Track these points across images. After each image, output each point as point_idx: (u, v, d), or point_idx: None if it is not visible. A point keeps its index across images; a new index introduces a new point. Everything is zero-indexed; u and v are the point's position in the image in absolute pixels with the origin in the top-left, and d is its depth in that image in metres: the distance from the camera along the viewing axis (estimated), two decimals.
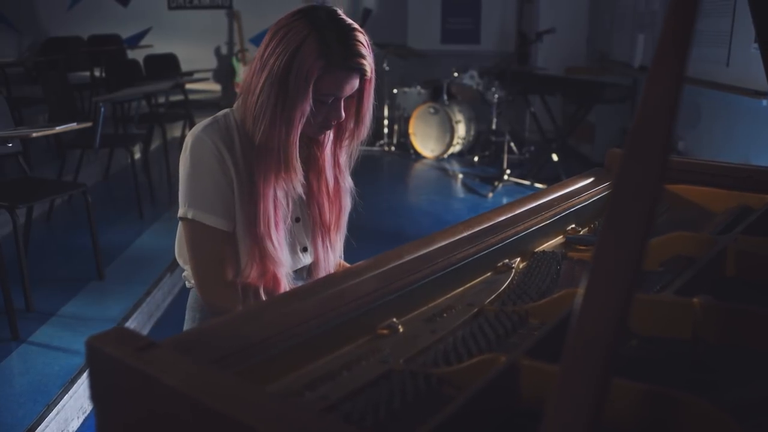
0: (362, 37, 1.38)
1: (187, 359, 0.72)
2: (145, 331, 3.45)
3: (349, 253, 1.68)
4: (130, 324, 3.38)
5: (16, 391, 2.75)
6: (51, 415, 2.54)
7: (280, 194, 1.44)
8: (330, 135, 1.52)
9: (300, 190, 1.46)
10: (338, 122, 1.47)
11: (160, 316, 3.67)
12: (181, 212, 1.44)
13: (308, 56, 1.33)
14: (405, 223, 5.17)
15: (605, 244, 0.58)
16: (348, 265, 1.73)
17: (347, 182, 1.59)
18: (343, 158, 1.56)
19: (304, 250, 1.56)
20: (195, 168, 1.42)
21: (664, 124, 0.59)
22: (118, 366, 0.73)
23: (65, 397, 2.65)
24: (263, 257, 1.42)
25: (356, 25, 1.39)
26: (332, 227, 1.56)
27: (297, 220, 1.54)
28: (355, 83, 1.41)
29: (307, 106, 1.36)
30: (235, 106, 1.48)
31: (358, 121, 1.49)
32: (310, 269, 1.59)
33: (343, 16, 1.39)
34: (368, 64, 1.39)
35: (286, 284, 1.46)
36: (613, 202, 0.57)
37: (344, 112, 1.45)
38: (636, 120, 0.57)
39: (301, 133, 1.44)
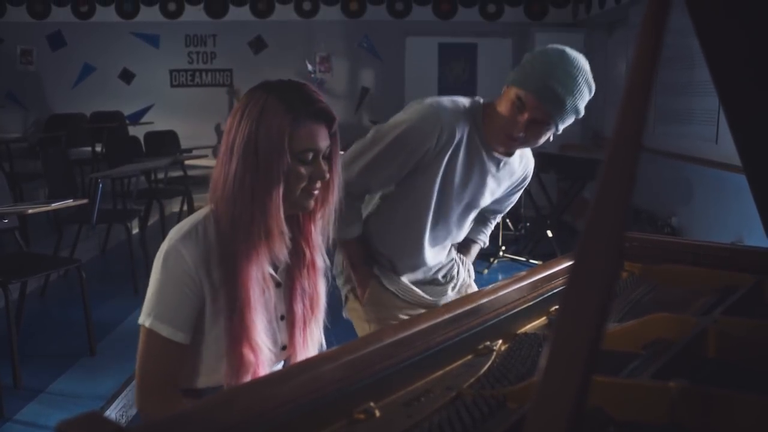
0: (316, 89, 1.40)
1: None
2: (134, 410, 3.39)
3: (339, 336, 1.60)
4: (120, 402, 3.32)
5: None
6: None
7: (261, 276, 1.39)
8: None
9: (285, 255, 1.40)
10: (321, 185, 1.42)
11: None
12: (140, 318, 1.40)
13: (274, 115, 1.32)
14: None
15: (562, 325, 0.58)
16: None
17: (322, 261, 1.53)
18: (317, 235, 1.50)
19: (283, 348, 1.51)
20: (164, 278, 1.38)
21: (620, 208, 0.60)
22: None
23: None
24: (242, 361, 1.36)
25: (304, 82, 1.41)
26: (311, 316, 1.51)
27: (282, 318, 1.50)
28: (326, 135, 1.39)
29: (285, 163, 1.33)
30: (211, 205, 1.44)
31: (327, 184, 1.43)
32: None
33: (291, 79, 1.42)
34: (331, 109, 1.39)
35: None
36: (569, 289, 0.58)
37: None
38: (591, 211, 0.59)
39: (285, 213, 1.38)
